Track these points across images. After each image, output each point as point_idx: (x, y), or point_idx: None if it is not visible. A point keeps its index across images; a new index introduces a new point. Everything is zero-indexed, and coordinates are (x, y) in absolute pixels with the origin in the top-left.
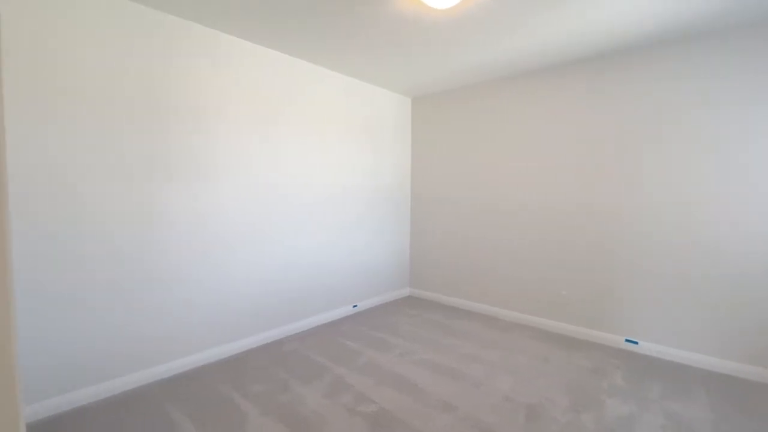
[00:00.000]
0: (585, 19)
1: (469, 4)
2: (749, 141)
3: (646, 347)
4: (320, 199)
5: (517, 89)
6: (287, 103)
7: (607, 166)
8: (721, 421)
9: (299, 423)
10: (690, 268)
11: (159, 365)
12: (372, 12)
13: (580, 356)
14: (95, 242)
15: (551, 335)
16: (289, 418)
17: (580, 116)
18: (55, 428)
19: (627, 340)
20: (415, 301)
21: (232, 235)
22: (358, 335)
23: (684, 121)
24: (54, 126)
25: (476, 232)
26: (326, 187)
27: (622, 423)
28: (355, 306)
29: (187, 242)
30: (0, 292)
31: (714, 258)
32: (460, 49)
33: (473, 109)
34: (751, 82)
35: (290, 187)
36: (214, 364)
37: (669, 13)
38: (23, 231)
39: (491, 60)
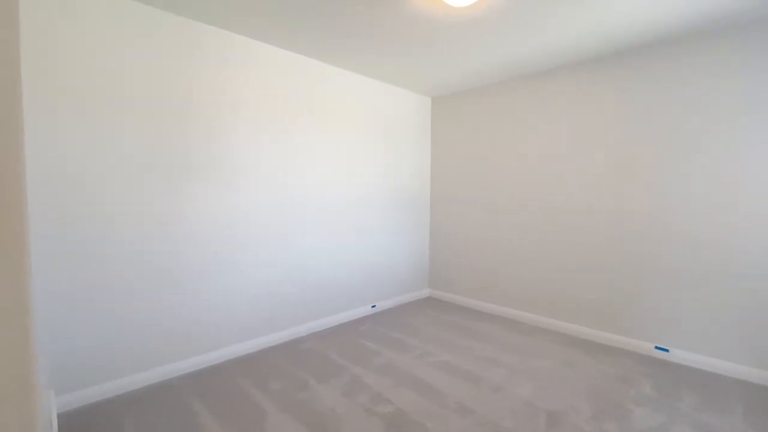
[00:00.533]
0: (595, 18)
1: (488, 3)
2: None
3: (678, 355)
4: (339, 200)
5: (543, 86)
6: (303, 104)
7: (635, 166)
8: None
9: (316, 421)
10: (726, 274)
11: (174, 363)
12: (390, 12)
13: (606, 362)
14: (107, 243)
15: (575, 340)
16: (306, 416)
17: (605, 115)
18: (82, 419)
19: (657, 347)
20: (434, 302)
21: (249, 236)
22: (377, 335)
23: (702, 122)
24: (59, 126)
25: (496, 233)
26: (345, 187)
27: None
28: (373, 306)
29: (203, 242)
30: (19, 293)
31: (751, 261)
32: (479, 49)
33: (494, 109)
34: None
35: (308, 187)
36: (233, 360)
37: (685, 11)
38: (30, 231)
39: (510, 59)
